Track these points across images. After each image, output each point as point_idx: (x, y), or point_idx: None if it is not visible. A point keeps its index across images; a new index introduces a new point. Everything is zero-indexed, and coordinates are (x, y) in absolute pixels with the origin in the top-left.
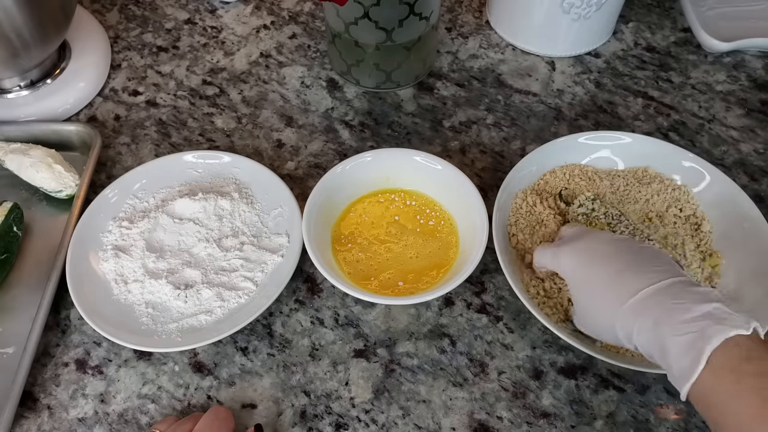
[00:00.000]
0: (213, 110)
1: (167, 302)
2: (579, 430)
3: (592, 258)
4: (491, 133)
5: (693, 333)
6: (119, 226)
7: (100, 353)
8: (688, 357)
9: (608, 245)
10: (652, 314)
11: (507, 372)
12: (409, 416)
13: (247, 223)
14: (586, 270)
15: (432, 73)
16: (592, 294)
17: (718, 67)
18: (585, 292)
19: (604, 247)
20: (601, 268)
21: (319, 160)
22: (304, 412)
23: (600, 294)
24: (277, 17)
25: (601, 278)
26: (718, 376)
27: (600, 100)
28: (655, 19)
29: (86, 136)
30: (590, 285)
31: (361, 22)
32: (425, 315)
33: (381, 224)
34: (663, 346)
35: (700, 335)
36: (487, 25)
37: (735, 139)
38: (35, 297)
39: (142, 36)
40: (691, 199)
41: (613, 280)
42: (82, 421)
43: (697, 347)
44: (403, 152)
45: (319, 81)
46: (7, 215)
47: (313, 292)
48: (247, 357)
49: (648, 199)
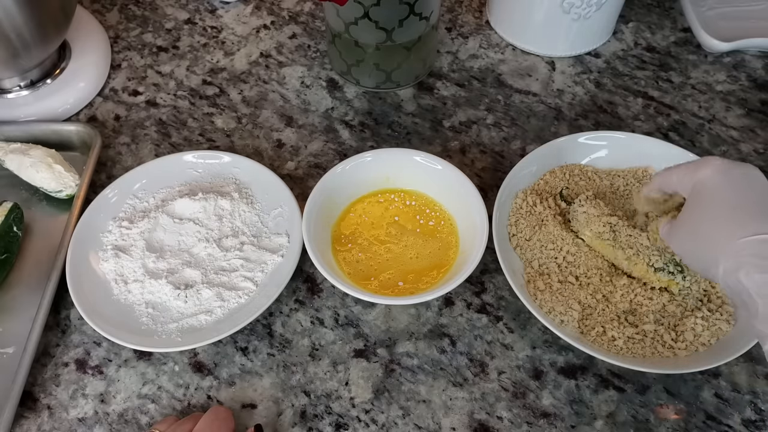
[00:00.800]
0: (213, 110)
1: (167, 302)
2: (579, 430)
3: (741, 182)
4: (491, 133)
5: None
6: (119, 226)
7: (100, 353)
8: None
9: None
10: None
11: (507, 372)
12: (409, 416)
13: (247, 223)
14: (729, 188)
15: (432, 73)
16: (721, 215)
17: (718, 67)
18: (714, 209)
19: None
20: (746, 194)
21: (319, 160)
22: (304, 412)
23: (731, 217)
24: (277, 17)
25: (741, 204)
26: None
27: (600, 100)
28: (655, 19)
29: (86, 136)
30: (725, 205)
31: (361, 22)
32: (425, 315)
33: (381, 224)
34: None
35: None
36: (487, 25)
37: (735, 139)
38: (35, 297)
39: (142, 36)
40: None
41: (751, 211)
42: (82, 421)
43: None
44: (403, 152)
45: (319, 81)
46: (7, 215)
47: (313, 292)
48: (247, 357)
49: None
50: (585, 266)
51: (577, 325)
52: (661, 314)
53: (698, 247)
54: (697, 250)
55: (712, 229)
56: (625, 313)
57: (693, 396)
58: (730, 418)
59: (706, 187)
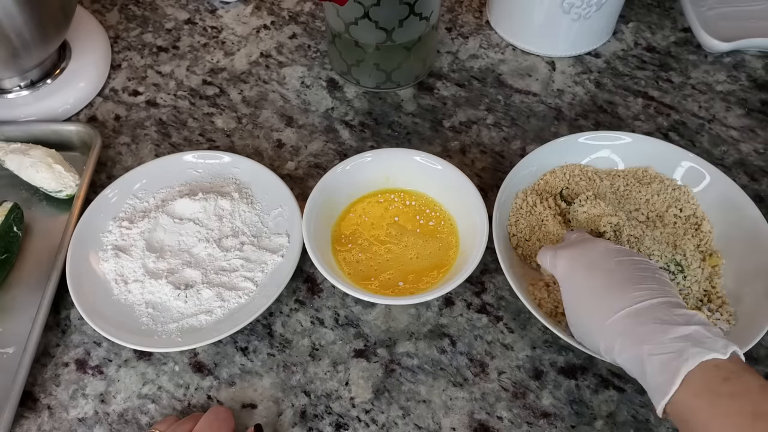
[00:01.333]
0: (213, 110)
1: (167, 302)
2: (579, 430)
3: (586, 267)
4: (491, 133)
5: (671, 353)
6: (119, 226)
7: (100, 353)
8: (664, 375)
9: (604, 257)
10: (635, 332)
11: (507, 372)
12: (409, 416)
13: (247, 223)
14: (578, 278)
15: (432, 73)
16: (580, 303)
17: (718, 67)
18: (574, 299)
19: (600, 259)
20: (592, 279)
21: (319, 160)
22: (304, 412)
23: (587, 305)
24: (277, 17)
25: (591, 289)
26: (695, 395)
27: (600, 100)
28: (655, 19)
29: (86, 136)
30: (579, 294)
31: (361, 22)
32: (425, 315)
33: (381, 225)
34: (642, 364)
35: (677, 355)
36: (487, 25)
37: (735, 139)
38: (35, 297)
39: (142, 36)
40: (691, 199)
41: (600, 294)
42: (82, 421)
43: (673, 367)
44: (403, 152)
45: (319, 81)
46: (7, 215)
47: (313, 292)
48: (247, 357)
49: (648, 199)
50: None
51: None
52: None
53: (582, 335)
54: (582, 338)
55: (581, 319)
56: None
57: None
58: None
59: (566, 279)
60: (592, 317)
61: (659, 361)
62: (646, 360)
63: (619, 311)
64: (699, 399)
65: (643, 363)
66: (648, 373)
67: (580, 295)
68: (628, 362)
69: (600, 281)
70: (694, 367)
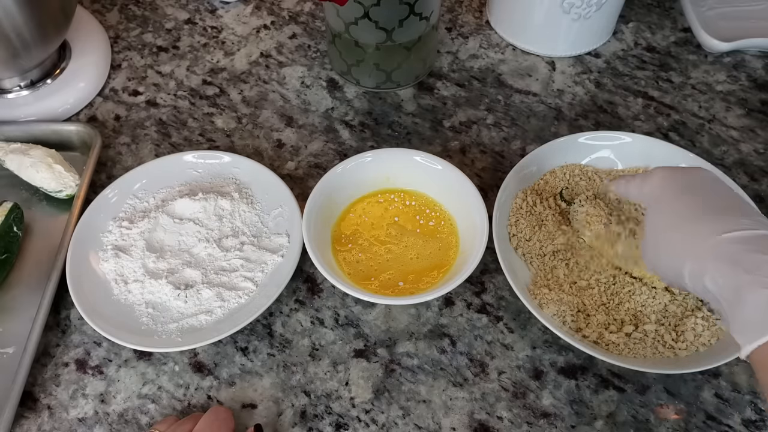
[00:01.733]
0: (213, 110)
1: (167, 302)
2: (579, 430)
3: (684, 188)
4: (491, 133)
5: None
6: (119, 226)
7: (100, 353)
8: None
9: (709, 182)
10: (741, 258)
11: (507, 372)
12: (409, 416)
13: (247, 223)
14: (678, 196)
15: (432, 73)
16: (675, 223)
17: (718, 67)
18: (667, 219)
19: (701, 183)
20: (695, 198)
21: (319, 160)
22: (304, 412)
23: (684, 224)
24: (277, 17)
25: (692, 209)
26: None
27: (600, 100)
28: (655, 19)
29: (86, 136)
30: (676, 213)
31: (361, 22)
32: (425, 315)
33: (381, 225)
34: (741, 296)
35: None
36: (487, 25)
37: (735, 139)
38: (35, 297)
39: (142, 36)
40: None
41: (704, 214)
42: (82, 421)
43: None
44: (403, 152)
45: (319, 81)
46: (7, 215)
47: (313, 292)
48: (247, 357)
49: None
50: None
51: (577, 325)
52: (661, 314)
53: (663, 260)
54: (663, 263)
55: (670, 241)
56: (625, 313)
57: (693, 396)
58: (730, 418)
59: (656, 200)
60: (688, 238)
61: (763, 296)
62: (748, 290)
63: (725, 233)
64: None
65: (742, 293)
66: (748, 304)
67: (677, 215)
68: (721, 289)
69: (706, 202)
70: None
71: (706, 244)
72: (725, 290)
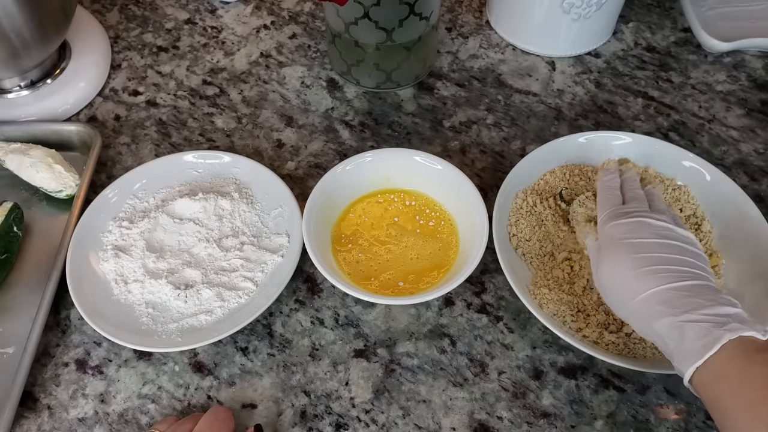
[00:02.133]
0: (213, 110)
1: (167, 302)
2: (579, 430)
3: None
4: (491, 133)
5: (714, 323)
6: (119, 226)
7: (100, 353)
8: (703, 340)
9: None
10: (679, 302)
11: (507, 372)
12: (409, 416)
13: (247, 223)
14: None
15: (432, 73)
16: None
17: (718, 67)
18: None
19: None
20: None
21: (319, 160)
22: (304, 412)
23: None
24: (277, 17)
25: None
26: (728, 360)
27: (600, 100)
28: (655, 19)
29: (86, 136)
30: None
31: (361, 22)
32: (425, 315)
33: (381, 225)
34: (681, 330)
35: (720, 325)
36: (487, 25)
37: (735, 139)
38: (35, 297)
39: (142, 36)
40: (691, 199)
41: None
42: (82, 421)
43: (715, 334)
44: (403, 152)
45: (319, 81)
46: (7, 215)
47: (313, 292)
48: (247, 357)
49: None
50: (585, 266)
51: (577, 324)
52: None
53: (613, 300)
54: (613, 302)
55: (621, 288)
56: None
57: (693, 396)
58: None
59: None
60: (632, 288)
61: (701, 327)
62: (686, 326)
63: (666, 283)
64: (731, 364)
65: (682, 329)
66: (686, 338)
67: (620, 266)
68: (664, 328)
69: (648, 257)
70: (734, 337)
71: (653, 290)
72: (667, 329)
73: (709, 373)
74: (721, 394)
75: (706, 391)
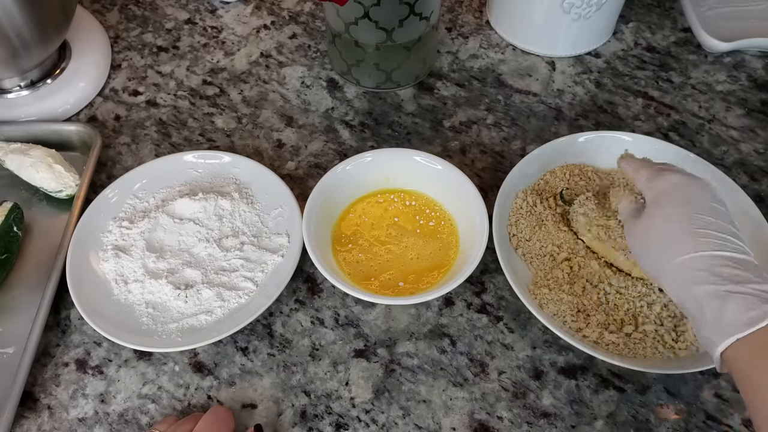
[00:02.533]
0: (213, 110)
1: (167, 302)
2: (579, 430)
3: (692, 200)
4: (491, 133)
5: (760, 297)
6: (119, 226)
7: (100, 353)
8: (748, 313)
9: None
10: (726, 272)
11: (507, 372)
12: (410, 416)
13: (247, 223)
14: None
15: (432, 73)
16: (669, 228)
17: (718, 67)
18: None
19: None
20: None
21: (319, 160)
22: (304, 412)
23: (680, 232)
24: (277, 17)
25: (687, 221)
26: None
27: (600, 100)
28: (655, 19)
29: (86, 136)
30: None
31: (361, 22)
32: (425, 315)
33: (381, 226)
34: (723, 300)
35: (765, 301)
36: (487, 25)
37: (735, 139)
38: (35, 297)
39: (142, 36)
40: None
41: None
42: (83, 421)
43: (764, 308)
44: (403, 152)
45: (320, 81)
46: (7, 215)
47: (313, 292)
48: (248, 357)
49: None
50: (585, 266)
51: (577, 325)
52: (661, 314)
53: (653, 256)
54: (652, 258)
55: (667, 244)
56: (625, 313)
57: (693, 396)
58: (730, 418)
59: (666, 199)
60: (680, 245)
61: (747, 300)
62: (731, 297)
63: (716, 250)
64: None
65: (725, 298)
66: (728, 309)
67: (672, 221)
68: (705, 294)
69: (701, 216)
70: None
71: (702, 253)
72: (706, 296)
73: (750, 346)
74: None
75: (740, 364)
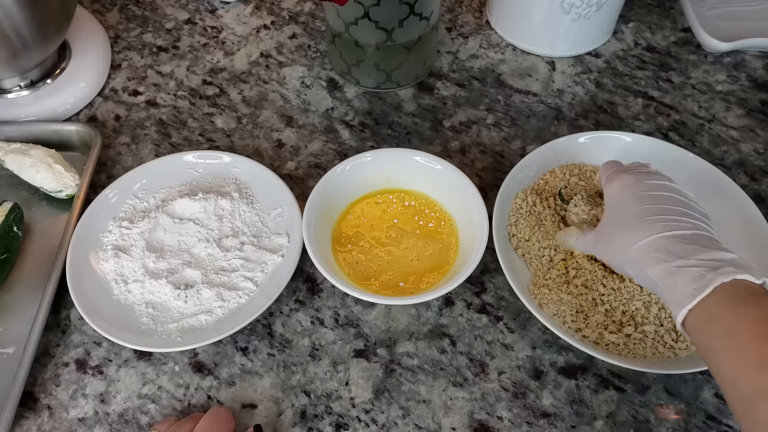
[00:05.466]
0: (213, 110)
1: (167, 302)
2: (579, 430)
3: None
4: (491, 133)
5: (707, 267)
6: (119, 226)
7: (100, 353)
8: (696, 283)
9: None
10: (674, 249)
11: (507, 372)
12: (409, 416)
13: (247, 223)
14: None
15: (432, 73)
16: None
17: (718, 67)
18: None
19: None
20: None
21: (319, 160)
22: (304, 412)
23: (631, 224)
24: (277, 17)
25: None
26: (720, 302)
27: (600, 100)
28: (655, 19)
29: (86, 136)
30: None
31: (361, 22)
32: (425, 315)
33: (381, 227)
34: (675, 276)
35: (713, 269)
36: (487, 25)
37: (735, 139)
38: (35, 297)
39: (142, 36)
40: None
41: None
42: (83, 421)
43: (708, 277)
44: (403, 152)
45: (319, 81)
46: (7, 215)
47: (313, 292)
48: (247, 357)
49: None
50: (585, 266)
51: (577, 325)
52: (660, 315)
53: (614, 252)
54: (614, 255)
55: (622, 237)
56: (625, 313)
57: (693, 396)
58: (730, 418)
59: (619, 201)
60: (633, 236)
61: (694, 272)
62: (680, 271)
63: (664, 231)
64: (724, 306)
65: (675, 274)
66: (679, 282)
67: (625, 217)
68: (657, 274)
69: (650, 206)
70: (727, 281)
71: (651, 238)
72: (660, 274)
73: (702, 315)
74: (712, 335)
75: (698, 333)
